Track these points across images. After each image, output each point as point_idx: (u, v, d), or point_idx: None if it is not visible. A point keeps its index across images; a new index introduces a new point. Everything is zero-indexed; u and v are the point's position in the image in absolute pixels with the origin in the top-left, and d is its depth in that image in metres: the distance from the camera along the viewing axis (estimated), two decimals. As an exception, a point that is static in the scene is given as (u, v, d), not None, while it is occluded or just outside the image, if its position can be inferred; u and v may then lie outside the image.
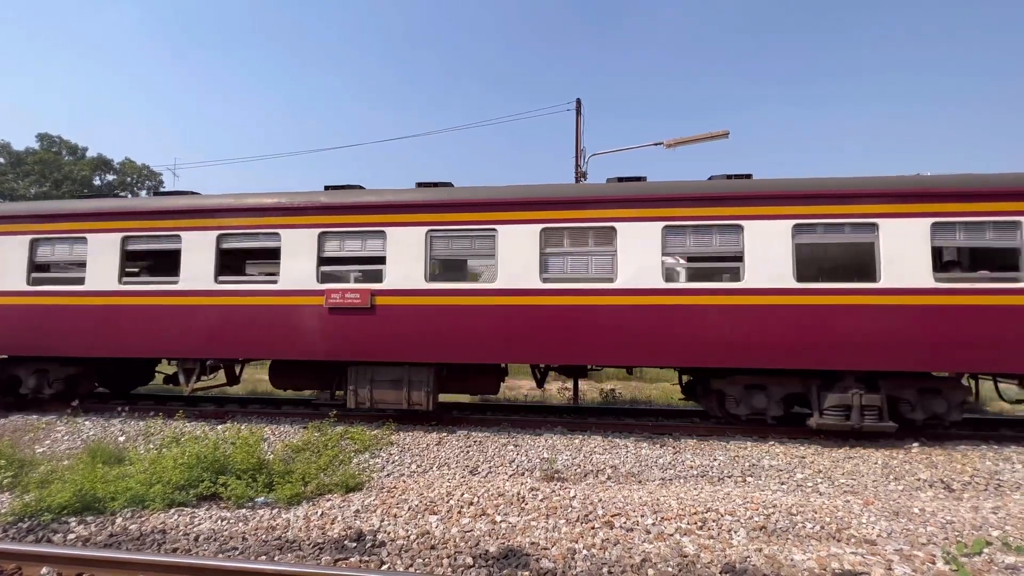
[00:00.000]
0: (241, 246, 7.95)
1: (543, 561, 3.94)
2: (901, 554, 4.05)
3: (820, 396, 6.82)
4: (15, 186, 28.74)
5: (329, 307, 7.36)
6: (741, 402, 7.12)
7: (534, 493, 5.24)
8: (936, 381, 6.90)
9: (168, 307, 7.79)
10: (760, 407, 7.07)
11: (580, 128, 15.25)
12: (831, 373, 6.81)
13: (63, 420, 7.92)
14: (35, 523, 4.65)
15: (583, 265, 7.23)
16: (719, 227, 6.93)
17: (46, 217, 8.31)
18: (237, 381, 8.93)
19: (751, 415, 7.16)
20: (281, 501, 5.09)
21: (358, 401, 7.55)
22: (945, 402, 6.76)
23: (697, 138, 13.48)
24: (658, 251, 6.95)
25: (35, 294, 8.14)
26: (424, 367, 7.45)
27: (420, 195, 7.54)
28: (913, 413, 6.84)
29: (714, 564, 3.90)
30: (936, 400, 6.78)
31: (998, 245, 6.63)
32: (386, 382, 7.50)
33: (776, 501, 5.05)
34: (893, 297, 6.54)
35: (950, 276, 6.71)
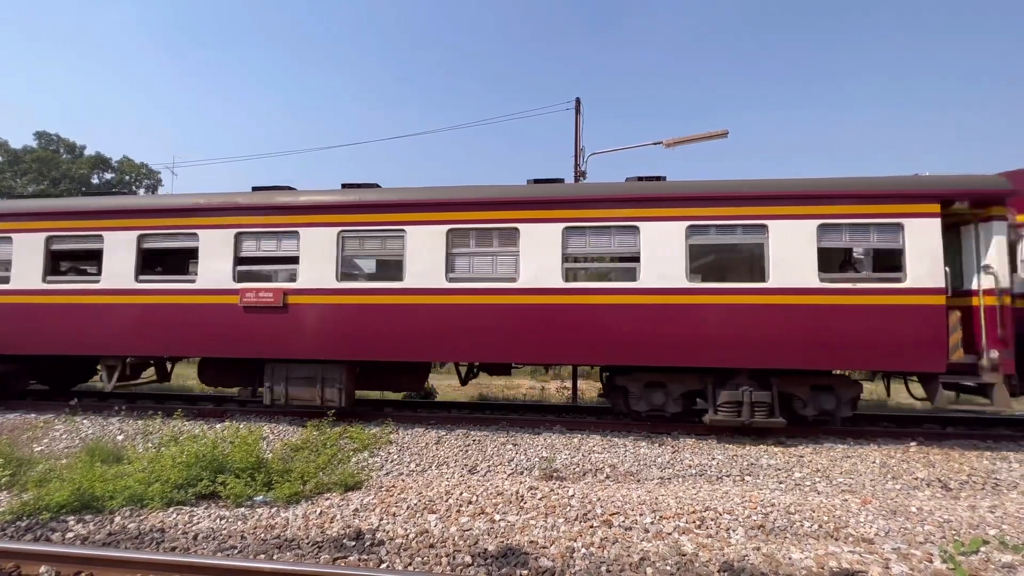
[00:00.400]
0: (162, 246, 8.14)
1: (542, 560, 3.95)
2: (899, 553, 4.06)
3: (715, 393, 6.98)
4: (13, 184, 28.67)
5: (244, 306, 7.57)
6: (642, 398, 7.33)
7: (533, 492, 5.25)
8: (829, 378, 7.08)
9: (91, 305, 7.99)
10: (659, 403, 7.29)
11: (579, 127, 15.23)
12: (727, 370, 6.98)
13: (61, 419, 7.91)
14: (34, 522, 4.65)
15: (489, 265, 7.39)
16: (617, 228, 7.10)
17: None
18: (168, 379, 9.17)
19: (651, 411, 7.37)
20: (280, 500, 5.09)
21: (274, 398, 7.73)
22: (835, 399, 6.97)
23: (696, 137, 13.48)
24: (559, 252, 7.11)
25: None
26: (337, 365, 7.61)
27: (332, 197, 7.77)
28: (805, 409, 7.05)
29: (712, 563, 3.91)
30: (827, 397, 6.98)
31: (883, 246, 6.79)
32: (301, 379, 7.67)
33: (774, 500, 5.06)
34: (780, 297, 6.71)
35: (835, 276, 6.83)
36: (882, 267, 7.20)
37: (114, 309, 7.87)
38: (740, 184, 7.02)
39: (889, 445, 6.75)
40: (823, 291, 6.64)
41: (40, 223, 8.23)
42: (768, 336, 6.68)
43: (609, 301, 6.97)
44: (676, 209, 6.94)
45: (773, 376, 6.89)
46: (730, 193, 6.91)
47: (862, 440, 7.01)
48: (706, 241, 7.01)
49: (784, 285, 6.69)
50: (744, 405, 6.76)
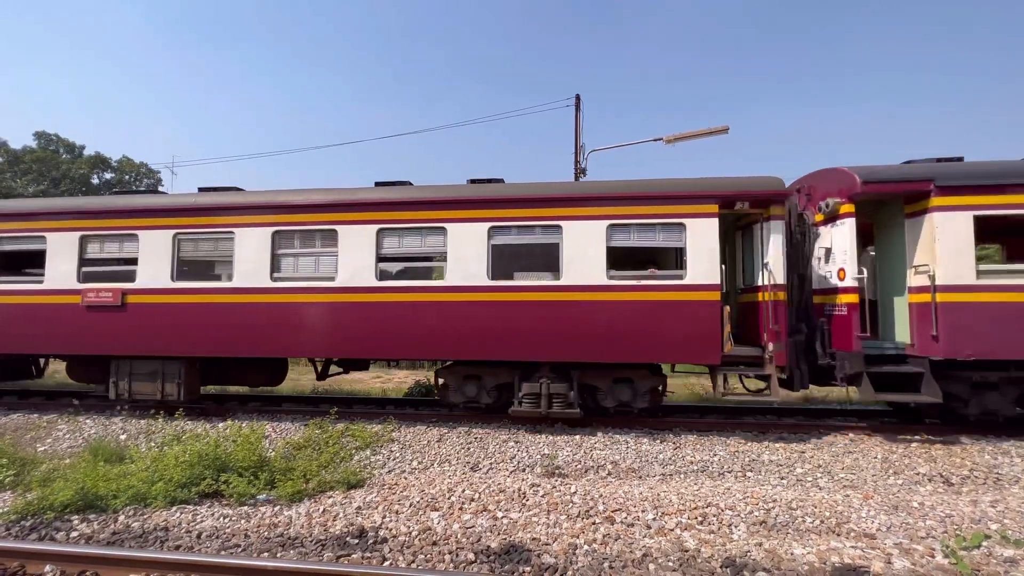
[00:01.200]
0: (12, 248, 8.45)
1: (544, 557, 3.96)
2: (900, 548, 4.07)
3: (519, 385, 7.35)
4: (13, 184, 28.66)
5: (87, 305, 7.95)
6: (458, 391, 7.67)
7: (535, 489, 5.26)
8: (630, 371, 7.36)
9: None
10: (472, 395, 7.64)
11: (579, 124, 15.21)
12: (533, 364, 7.34)
13: (64, 419, 7.94)
14: (38, 521, 4.66)
15: (311, 265, 7.73)
16: (427, 229, 7.46)
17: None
18: (40, 375, 9.69)
19: (466, 403, 7.73)
20: (283, 498, 5.11)
21: (118, 393, 8.08)
22: (631, 390, 7.34)
23: (697, 133, 13.45)
24: (373, 252, 7.44)
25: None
26: (176, 361, 7.96)
27: (167, 200, 8.23)
28: (605, 400, 7.42)
29: (715, 559, 3.92)
30: (626, 388, 7.34)
31: (667, 245, 7.14)
32: (143, 375, 8.07)
33: (776, 496, 5.07)
34: (573, 293, 7.05)
35: (622, 274, 7.10)
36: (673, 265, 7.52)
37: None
38: (539, 187, 7.46)
39: (891, 441, 6.75)
40: (611, 288, 6.99)
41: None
42: (564, 331, 7.02)
43: (419, 299, 7.31)
44: (479, 211, 7.32)
45: (573, 369, 7.27)
46: (529, 196, 7.32)
47: (863, 435, 7.01)
48: (508, 241, 7.35)
49: (576, 282, 7.05)
50: (542, 397, 7.12)
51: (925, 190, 6.59)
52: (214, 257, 8.14)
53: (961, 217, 6.48)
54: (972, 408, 6.85)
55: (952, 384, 6.77)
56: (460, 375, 7.67)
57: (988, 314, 6.38)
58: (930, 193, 6.56)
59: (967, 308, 6.40)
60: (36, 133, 32.14)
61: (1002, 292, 6.38)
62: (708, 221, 6.90)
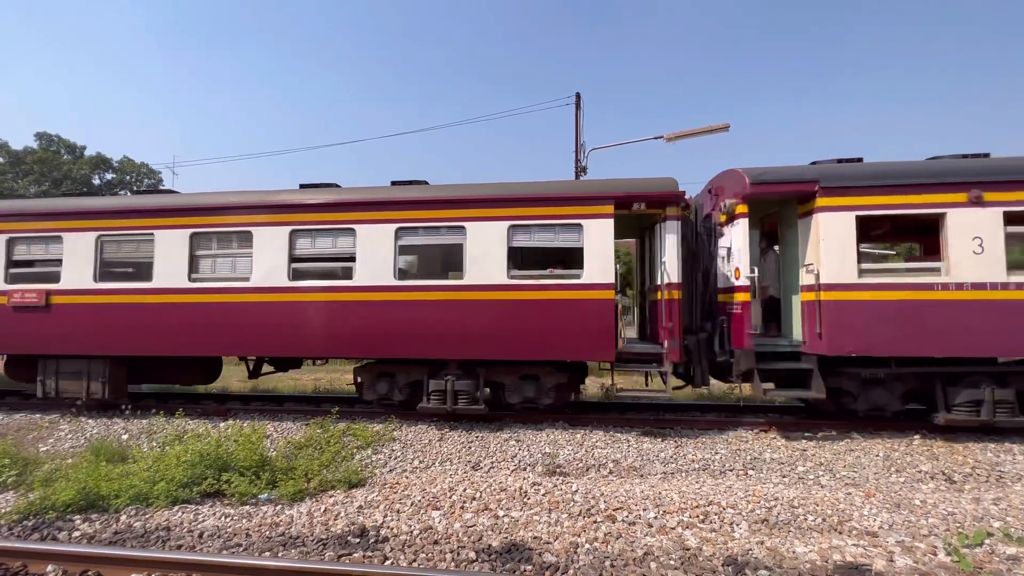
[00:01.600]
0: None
1: (546, 555, 3.95)
2: (903, 546, 4.06)
3: (428, 383, 7.51)
4: (14, 185, 28.71)
5: (13, 306, 8.14)
6: (371, 388, 7.86)
7: (536, 488, 5.26)
8: (536, 368, 7.50)
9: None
10: (384, 392, 7.80)
11: (580, 123, 15.19)
12: (442, 361, 7.50)
13: (66, 419, 7.96)
14: (40, 521, 4.68)
15: (229, 265, 7.90)
16: (338, 231, 7.60)
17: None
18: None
19: (380, 399, 7.89)
20: (284, 497, 5.11)
21: (45, 391, 8.23)
22: (536, 387, 7.49)
23: (697, 131, 13.42)
24: (286, 252, 7.59)
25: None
26: (101, 360, 8.12)
27: (90, 203, 8.35)
28: (512, 397, 7.56)
29: (716, 557, 3.92)
30: (531, 385, 7.49)
31: (566, 245, 7.24)
32: (69, 374, 8.22)
33: (778, 494, 5.06)
34: (475, 292, 7.20)
35: (522, 273, 7.24)
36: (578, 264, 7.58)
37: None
38: (443, 189, 7.63)
39: (893, 438, 6.74)
40: (512, 287, 7.14)
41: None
42: (468, 329, 7.18)
43: (332, 298, 7.46)
44: (387, 213, 7.47)
45: (480, 366, 7.44)
46: (434, 198, 7.46)
47: (866, 433, 7.00)
48: (415, 242, 7.54)
49: (478, 282, 7.19)
50: (448, 393, 7.29)
51: (811, 191, 6.76)
52: (136, 259, 8.25)
53: (844, 217, 6.65)
54: (860, 404, 7.03)
55: (844, 380, 6.97)
56: (375, 373, 7.86)
57: (869, 312, 6.53)
58: (816, 194, 6.72)
59: (849, 306, 6.56)
60: (37, 134, 32.16)
61: (883, 291, 6.53)
62: (604, 222, 7.06)
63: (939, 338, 6.43)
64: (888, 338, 6.50)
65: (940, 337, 6.43)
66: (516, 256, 7.45)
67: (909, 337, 6.46)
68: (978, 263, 6.40)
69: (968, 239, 6.42)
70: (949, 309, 6.41)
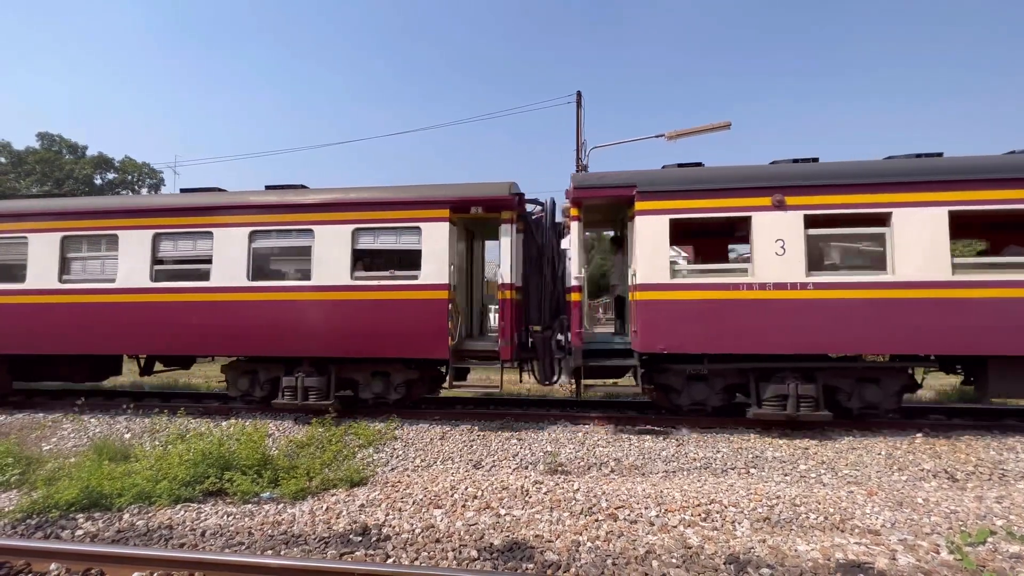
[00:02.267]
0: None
1: (547, 553, 3.95)
2: (905, 544, 4.05)
3: (283, 380, 7.85)
4: (17, 186, 28.77)
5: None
6: (234, 385, 8.24)
7: (538, 486, 5.26)
8: (386, 365, 7.78)
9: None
10: (245, 389, 8.18)
11: (581, 121, 15.16)
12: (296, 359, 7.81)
13: (69, 418, 7.98)
14: (43, 520, 4.69)
15: (99, 267, 8.23)
16: (197, 234, 7.94)
17: None
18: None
19: (242, 396, 8.27)
20: (286, 496, 5.12)
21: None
22: (386, 383, 7.85)
23: (698, 130, 13.40)
24: (149, 255, 7.94)
25: None
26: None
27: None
28: (363, 393, 7.93)
29: (718, 555, 3.91)
30: (380, 382, 7.85)
31: (407, 247, 7.58)
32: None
33: (780, 492, 5.05)
34: (322, 293, 7.52)
35: (366, 275, 7.59)
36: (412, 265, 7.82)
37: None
38: (293, 194, 7.93)
39: (895, 436, 6.73)
40: (356, 288, 7.45)
41: None
42: (316, 328, 7.47)
43: (192, 299, 7.80)
44: (241, 217, 7.80)
45: (331, 364, 7.75)
46: (285, 202, 7.78)
47: (868, 432, 6.99)
48: (268, 244, 7.86)
49: (325, 283, 7.51)
50: (298, 390, 7.63)
51: (630, 195, 7.04)
52: (13, 260, 8.46)
53: (658, 220, 6.91)
54: (683, 399, 7.31)
55: (671, 376, 7.27)
56: (239, 370, 8.19)
57: (679, 311, 6.80)
58: (634, 198, 6.99)
59: (661, 305, 6.84)
60: (39, 134, 32.26)
61: (694, 291, 6.81)
62: (440, 225, 7.36)
63: (745, 336, 6.68)
64: (698, 336, 6.77)
65: (746, 336, 6.68)
66: (363, 258, 7.86)
67: (718, 336, 6.72)
68: (780, 264, 6.63)
69: (771, 241, 6.66)
70: (754, 308, 6.66)
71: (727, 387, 7.24)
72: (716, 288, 6.75)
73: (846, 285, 6.54)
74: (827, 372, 6.91)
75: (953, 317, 6.35)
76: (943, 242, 6.40)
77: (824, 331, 6.52)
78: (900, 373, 6.98)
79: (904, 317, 6.41)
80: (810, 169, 6.83)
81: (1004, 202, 6.39)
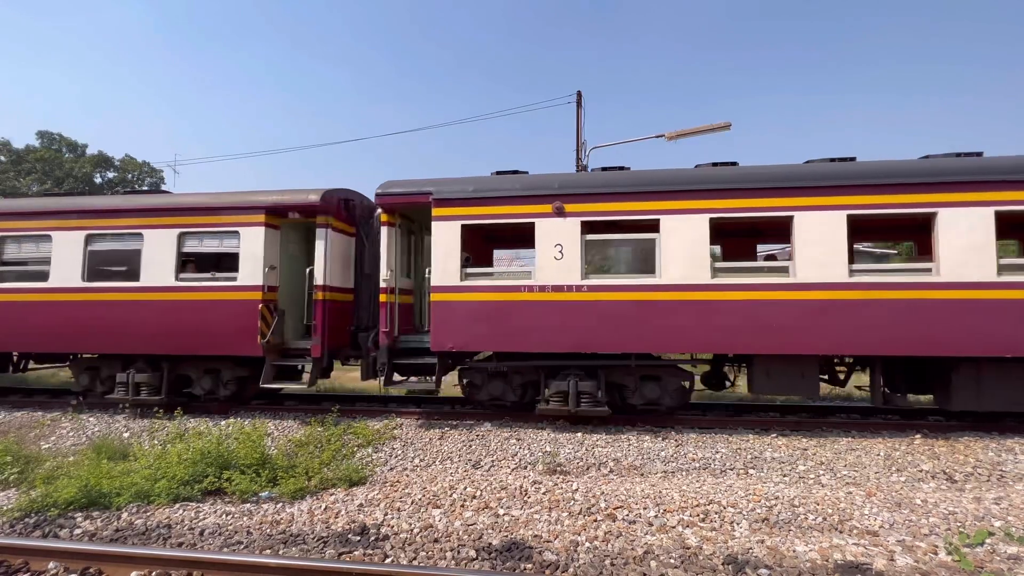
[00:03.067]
0: None
1: (546, 553, 3.96)
2: (903, 545, 4.05)
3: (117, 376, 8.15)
4: (17, 184, 28.75)
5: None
6: (77, 381, 8.61)
7: (537, 486, 5.26)
8: (217, 362, 8.15)
9: None
10: (87, 384, 8.55)
11: (581, 121, 15.17)
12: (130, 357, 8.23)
13: (68, 417, 7.97)
14: (42, 518, 4.69)
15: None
16: (37, 237, 8.35)
17: None
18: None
19: (85, 391, 8.60)
20: (285, 495, 5.12)
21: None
22: (215, 380, 8.20)
23: (698, 130, 13.40)
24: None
25: None
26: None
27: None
28: (195, 389, 8.29)
29: (716, 556, 3.91)
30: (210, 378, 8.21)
31: (228, 250, 7.92)
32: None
33: (778, 493, 5.06)
34: (150, 294, 7.90)
35: (190, 276, 7.97)
36: None
37: None
38: (124, 199, 8.34)
39: (894, 437, 6.73)
40: (181, 288, 7.85)
41: None
42: (145, 328, 7.84)
43: (33, 299, 8.17)
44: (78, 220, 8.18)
45: (164, 361, 8.14)
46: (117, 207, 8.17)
47: (867, 432, 7.00)
48: (104, 247, 8.24)
49: (153, 284, 7.90)
50: (130, 386, 8.01)
51: (426, 202, 7.37)
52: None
53: (452, 226, 7.29)
54: (483, 394, 7.68)
55: (474, 374, 7.69)
56: (82, 367, 8.54)
57: (469, 311, 7.16)
58: (431, 204, 7.34)
59: (452, 306, 7.21)
60: (39, 132, 32.22)
61: (483, 292, 7.16)
62: (256, 229, 7.73)
63: (530, 336, 7.02)
64: (486, 336, 7.12)
65: (531, 335, 7.02)
66: (194, 260, 8.28)
67: (505, 335, 7.07)
68: (559, 267, 7.01)
69: (551, 246, 7.04)
70: (536, 309, 7.02)
71: (524, 384, 7.59)
72: (503, 290, 7.13)
73: (616, 287, 6.91)
74: (609, 370, 7.29)
75: (715, 318, 6.70)
76: (705, 246, 6.79)
77: (598, 331, 6.89)
78: (681, 371, 7.38)
79: (668, 318, 6.78)
80: (586, 178, 7.34)
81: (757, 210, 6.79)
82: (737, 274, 6.83)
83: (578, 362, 7.22)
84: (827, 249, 6.54)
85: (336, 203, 7.98)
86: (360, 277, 8.44)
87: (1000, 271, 6.32)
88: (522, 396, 7.65)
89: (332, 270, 7.86)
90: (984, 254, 6.31)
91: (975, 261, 6.33)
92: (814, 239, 6.58)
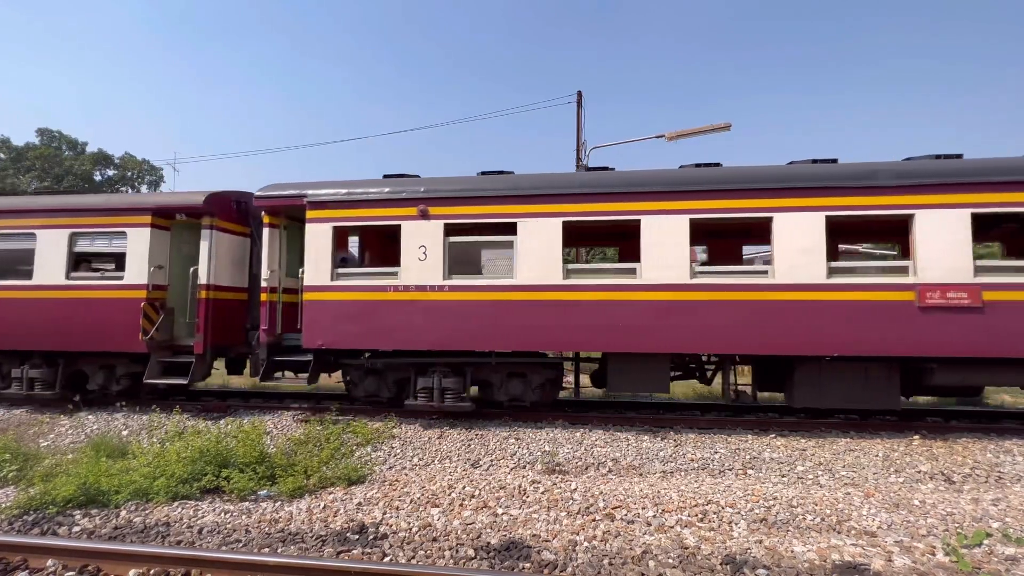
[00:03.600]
0: None
1: (544, 553, 3.96)
2: (901, 546, 4.06)
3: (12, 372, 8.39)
4: (16, 181, 28.72)
5: None
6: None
7: (535, 486, 5.26)
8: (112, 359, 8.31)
9: None
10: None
11: (581, 121, 15.19)
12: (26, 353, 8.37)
13: (67, 414, 7.97)
14: (40, 516, 4.69)
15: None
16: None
17: None
18: None
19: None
20: (284, 494, 5.12)
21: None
22: (108, 376, 8.36)
23: (698, 130, 13.42)
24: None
25: None
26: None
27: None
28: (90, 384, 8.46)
29: (715, 556, 3.92)
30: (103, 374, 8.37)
31: (118, 250, 8.14)
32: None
33: (777, 493, 5.06)
34: (43, 292, 8.09)
35: (82, 275, 8.19)
36: None
37: None
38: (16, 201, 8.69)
39: (892, 438, 6.74)
40: (71, 287, 8.06)
41: None
42: (40, 325, 8.04)
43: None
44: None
45: (59, 357, 8.34)
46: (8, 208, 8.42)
47: (865, 433, 7.00)
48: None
49: (44, 282, 8.12)
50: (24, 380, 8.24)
51: (301, 204, 7.60)
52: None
53: (324, 228, 7.51)
54: (359, 390, 7.91)
55: (351, 371, 7.93)
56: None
57: (339, 310, 7.38)
58: (305, 207, 7.56)
59: (323, 305, 7.42)
60: (38, 130, 32.21)
61: (349, 292, 7.41)
62: (142, 230, 7.96)
63: (396, 334, 7.24)
64: (355, 334, 7.32)
65: (397, 333, 7.24)
66: (89, 259, 8.42)
67: (373, 333, 7.29)
68: (422, 268, 7.24)
69: (416, 247, 7.27)
70: (401, 308, 7.24)
71: (399, 380, 7.80)
72: (370, 290, 7.35)
73: (476, 288, 7.14)
74: (477, 367, 7.52)
75: (569, 318, 6.91)
76: (558, 247, 6.99)
77: (460, 330, 7.10)
78: (545, 368, 7.62)
79: (525, 318, 7.00)
80: (449, 183, 7.50)
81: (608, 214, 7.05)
82: (588, 275, 7.13)
83: (446, 359, 7.41)
84: (669, 251, 6.78)
85: (224, 205, 8.24)
86: (254, 277, 8.60)
87: (829, 274, 6.52)
88: (397, 393, 7.84)
89: (219, 269, 8.10)
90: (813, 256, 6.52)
91: (803, 263, 6.55)
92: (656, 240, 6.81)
